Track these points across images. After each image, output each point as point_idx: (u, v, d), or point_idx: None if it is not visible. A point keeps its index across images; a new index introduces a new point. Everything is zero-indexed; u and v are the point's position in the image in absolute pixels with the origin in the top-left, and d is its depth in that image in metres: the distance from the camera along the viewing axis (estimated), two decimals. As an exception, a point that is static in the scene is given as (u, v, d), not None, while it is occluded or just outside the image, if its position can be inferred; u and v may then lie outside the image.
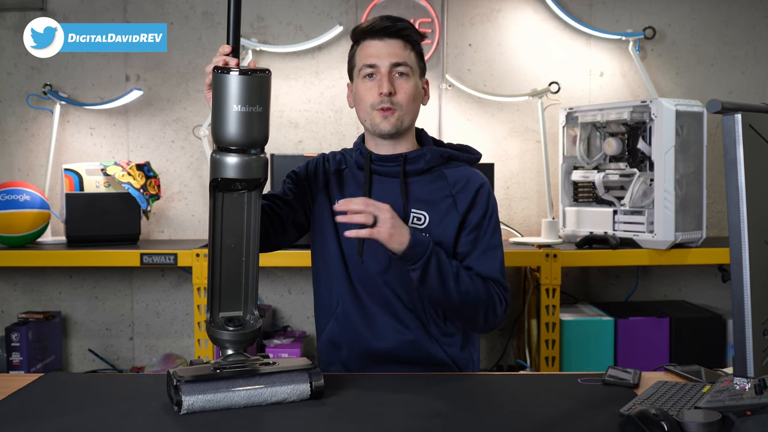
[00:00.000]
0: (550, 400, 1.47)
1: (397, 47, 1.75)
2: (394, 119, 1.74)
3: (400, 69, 1.74)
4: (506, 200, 3.35)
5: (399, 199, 1.74)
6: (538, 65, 3.32)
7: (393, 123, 1.74)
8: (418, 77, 1.79)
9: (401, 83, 1.74)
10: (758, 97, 3.35)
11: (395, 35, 1.75)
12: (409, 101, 1.75)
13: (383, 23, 1.75)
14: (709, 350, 2.96)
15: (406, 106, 1.75)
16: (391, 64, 1.73)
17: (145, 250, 2.85)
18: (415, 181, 1.77)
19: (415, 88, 1.77)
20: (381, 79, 1.73)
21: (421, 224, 1.74)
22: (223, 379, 1.42)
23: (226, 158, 1.44)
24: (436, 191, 1.76)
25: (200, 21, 3.30)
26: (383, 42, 1.75)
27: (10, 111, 3.31)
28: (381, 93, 1.72)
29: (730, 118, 1.19)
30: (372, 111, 1.75)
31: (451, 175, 1.78)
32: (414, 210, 1.75)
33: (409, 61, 1.76)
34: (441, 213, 1.74)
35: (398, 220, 1.60)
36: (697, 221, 2.90)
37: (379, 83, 1.73)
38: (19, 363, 3.00)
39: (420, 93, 1.80)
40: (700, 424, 1.22)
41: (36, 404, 1.46)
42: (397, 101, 1.74)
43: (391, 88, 1.73)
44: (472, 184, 1.76)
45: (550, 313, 2.85)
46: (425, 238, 1.64)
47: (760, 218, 1.20)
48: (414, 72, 1.77)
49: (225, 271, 1.54)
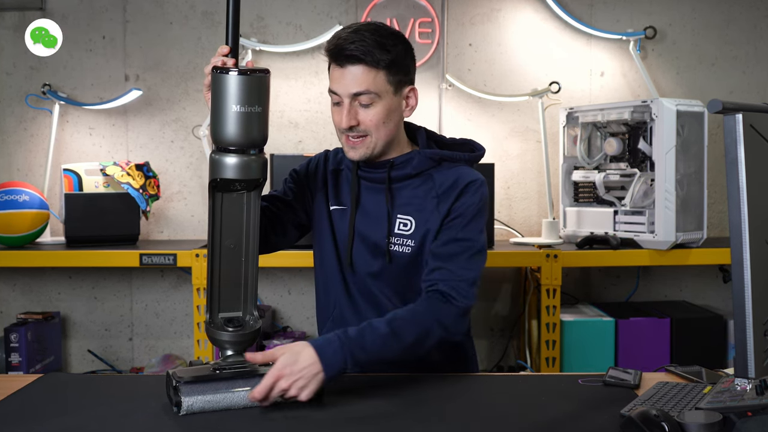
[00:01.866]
0: (551, 401, 1.47)
1: (358, 74, 1.61)
2: (363, 148, 1.67)
3: (361, 99, 1.63)
4: (507, 200, 3.34)
5: (385, 205, 1.72)
6: (539, 65, 3.32)
7: (362, 152, 1.67)
8: (391, 96, 1.66)
9: (366, 113, 1.64)
10: (759, 96, 3.34)
11: (354, 61, 1.61)
12: (377, 126, 1.65)
13: (343, 47, 1.61)
14: (710, 351, 2.95)
15: (376, 132, 1.66)
16: (351, 95, 1.63)
17: (145, 251, 2.85)
18: (402, 186, 1.73)
19: (385, 112, 1.65)
20: (341, 110, 1.65)
21: (407, 230, 1.71)
22: (223, 380, 1.42)
23: (225, 158, 1.44)
24: (423, 195, 1.71)
25: (200, 21, 3.30)
26: (344, 70, 1.63)
27: (9, 111, 3.30)
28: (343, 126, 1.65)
29: (731, 118, 1.18)
30: (342, 135, 1.69)
31: (440, 176, 1.71)
32: (400, 216, 1.72)
33: (374, 86, 1.62)
34: (425, 216, 1.70)
35: (293, 369, 1.40)
36: (698, 221, 2.90)
37: (341, 114, 1.65)
38: (18, 364, 2.99)
39: (393, 111, 1.67)
40: (701, 425, 1.22)
41: (35, 405, 1.46)
42: (364, 128, 1.66)
43: (351, 120, 1.63)
44: (459, 183, 1.69)
45: (551, 314, 2.84)
46: (333, 346, 1.46)
47: (761, 218, 1.20)
48: (382, 95, 1.64)
49: (224, 272, 1.54)
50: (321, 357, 1.43)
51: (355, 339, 1.48)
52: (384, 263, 1.72)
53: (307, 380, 1.41)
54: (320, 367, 1.43)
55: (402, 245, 1.71)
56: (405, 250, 1.71)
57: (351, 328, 1.51)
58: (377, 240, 1.72)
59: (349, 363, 1.46)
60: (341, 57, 1.62)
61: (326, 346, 1.45)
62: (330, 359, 1.44)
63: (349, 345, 1.47)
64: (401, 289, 1.73)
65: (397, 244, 1.71)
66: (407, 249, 1.71)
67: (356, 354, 1.47)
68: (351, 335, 1.49)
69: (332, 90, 1.66)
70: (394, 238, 1.71)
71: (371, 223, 1.73)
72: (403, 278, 1.72)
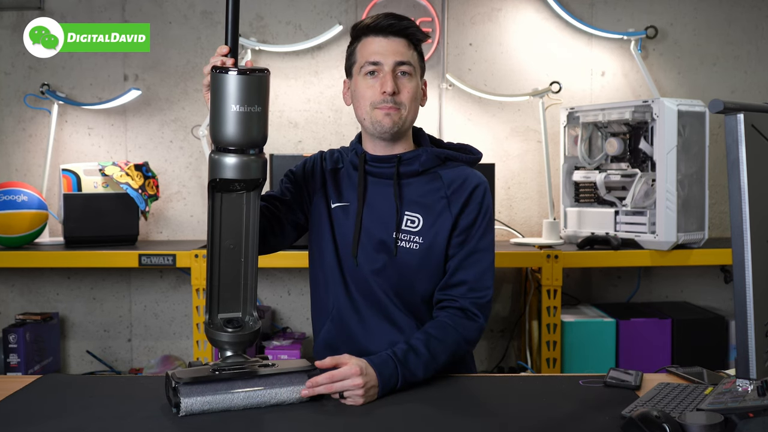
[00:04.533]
0: (552, 402, 1.47)
1: (401, 46, 1.72)
2: (397, 117, 1.71)
3: (403, 68, 1.71)
4: (507, 201, 3.34)
5: (392, 201, 1.73)
6: (540, 65, 3.31)
7: (395, 121, 1.71)
8: (419, 77, 1.76)
9: (404, 82, 1.72)
10: (761, 96, 3.34)
11: (400, 33, 1.72)
12: (411, 101, 1.73)
13: (388, 20, 1.72)
14: (712, 352, 2.95)
15: (409, 106, 1.73)
16: (395, 63, 1.70)
17: (144, 251, 2.84)
18: (410, 182, 1.75)
19: (417, 89, 1.75)
20: (384, 78, 1.70)
21: (415, 227, 1.72)
22: (222, 381, 1.42)
23: (224, 158, 1.43)
24: (431, 193, 1.74)
25: (199, 20, 3.29)
26: (387, 40, 1.72)
27: (8, 111, 3.30)
28: (384, 92, 1.70)
29: (732, 118, 1.18)
30: (372, 109, 1.72)
31: (447, 175, 1.75)
32: (408, 213, 1.73)
33: (413, 60, 1.73)
34: (435, 215, 1.72)
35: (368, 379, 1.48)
36: (699, 222, 2.89)
37: (383, 82, 1.70)
38: (17, 365, 2.99)
39: (420, 93, 1.78)
40: (702, 426, 1.22)
41: (34, 406, 1.45)
42: (400, 101, 1.71)
43: (394, 87, 1.70)
44: (468, 185, 1.74)
45: (552, 315, 2.84)
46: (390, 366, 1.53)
47: (762, 219, 1.20)
48: (416, 72, 1.74)
49: (224, 272, 1.53)
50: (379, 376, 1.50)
51: (404, 362, 1.55)
52: (387, 260, 1.72)
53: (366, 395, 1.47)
54: (379, 387, 1.50)
55: (409, 241, 1.72)
56: (413, 246, 1.72)
57: (398, 348, 1.57)
58: (383, 236, 1.73)
59: (399, 384, 1.53)
60: (386, 29, 1.71)
61: (384, 366, 1.52)
62: (387, 380, 1.51)
63: (402, 369, 1.54)
64: (403, 289, 1.73)
65: (404, 240, 1.72)
66: (415, 246, 1.72)
67: (407, 376, 1.54)
68: (401, 358, 1.55)
69: (371, 61, 1.71)
70: (401, 234, 1.72)
71: (377, 218, 1.74)
72: (406, 277, 1.72)
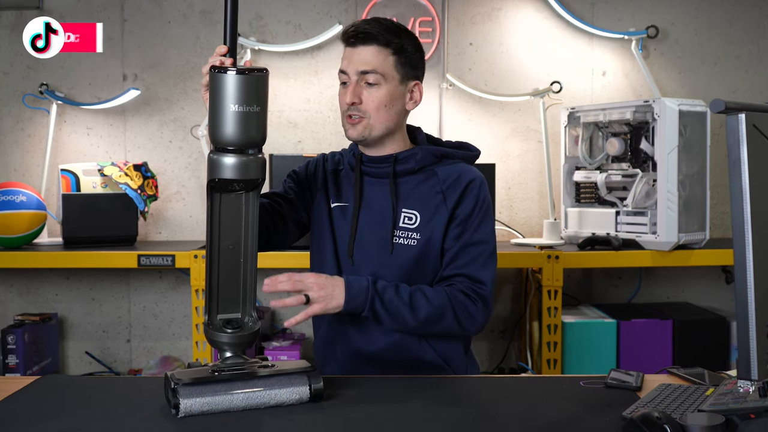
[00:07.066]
0: (552, 403, 1.46)
1: (368, 54, 1.69)
2: (360, 128, 1.72)
3: (368, 78, 1.69)
4: (507, 201, 3.33)
5: (389, 199, 1.74)
6: (540, 64, 3.31)
7: (359, 131, 1.72)
8: (397, 83, 1.72)
9: (371, 92, 1.70)
10: (762, 96, 3.33)
11: (367, 41, 1.69)
12: (377, 110, 1.70)
13: (356, 27, 1.70)
14: (713, 352, 2.94)
15: (374, 115, 1.70)
16: (359, 72, 1.69)
17: (143, 252, 2.84)
18: (406, 180, 1.76)
19: (388, 97, 1.70)
20: (348, 87, 1.71)
21: (412, 224, 1.73)
22: (222, 382, 1.42)
23: (223, 159, 1.43)
24: (427, 189, 1.75)
25: (198, 20, 3.29)
26: (354, 49, 1.71)
27: (6, 111, 3.29)
28: (347, 102, 1.71)
29: (733, 117, 1.18)
30: (344, 118, 1.74)
31: (443, 172, 1.76)
32: (405, 210, 1.74)
33: (382, 67, 1.69)
34: (431, 210, 1.74)
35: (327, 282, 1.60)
36: (700, 222, 2.88)
37: (347, 91, 1.71)
38: (15, 366, 2.98)
39: (396, 99, 1.73)
40: (703, 428, 1.22)
41: (32, 407, 1.45)
42: (363, 110, 1.71)
43: (354, 97, 1.69)
44: (463, 179, 1.75)
45: (552, 315, 2.83)
46: (362, 284, 1.62)
47: (764, 219, 1.20)
48: (388, 79, 1.70)
49: (223, 273, 1.53)
50: (348, 288, 1.59)
51: (380, 292, 1.62)
52: (385, 258, 1.72)
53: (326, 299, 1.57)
54: (344, 295, 1.59)
55: (407, 238, 1.73)
56: (410, 243, 1.73)
57: (383, 281, 1.65)
58: (380, 234, 1.74)
59: (367, 308, 1.61)
60: (355, 37, 1.70)
61: (355, 283, 1.61)
62: (354, 295, 1.60)
63: (373, 294, 1.61)
64: None
65: (402, 237, 1.73)
66: (412, 242, 1.73)
67: (375, 306, 1.61)
68: (379, 287, 1.62)
69: (341, 70, 1.72)
70: (398, 231, 1.74)
71: (375, 217, 1.75)
72: (404, 274, 1.72)
